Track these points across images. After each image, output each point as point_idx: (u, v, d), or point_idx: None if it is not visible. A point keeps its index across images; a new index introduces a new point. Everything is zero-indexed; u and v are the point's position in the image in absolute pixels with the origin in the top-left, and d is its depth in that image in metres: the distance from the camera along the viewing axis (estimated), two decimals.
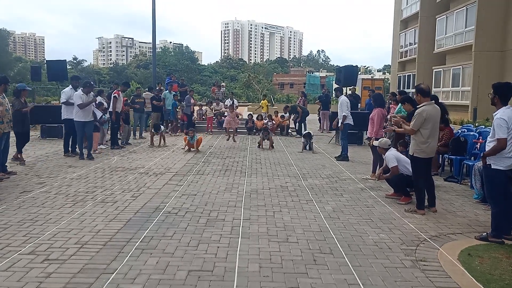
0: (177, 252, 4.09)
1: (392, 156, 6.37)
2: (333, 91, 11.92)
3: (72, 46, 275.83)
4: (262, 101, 19.08)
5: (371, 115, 8.26)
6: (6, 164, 7.71)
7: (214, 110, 16.75)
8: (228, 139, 12.58)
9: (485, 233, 4.67)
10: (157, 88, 15.96)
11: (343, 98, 10.31)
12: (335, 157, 10.20)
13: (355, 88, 19.31)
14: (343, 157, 9.95)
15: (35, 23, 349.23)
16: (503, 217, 4.62)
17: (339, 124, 10.03)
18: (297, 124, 16.03)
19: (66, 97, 9.93)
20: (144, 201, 5.99)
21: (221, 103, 17.23)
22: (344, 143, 10.10)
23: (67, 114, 9.85)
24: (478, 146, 8.00)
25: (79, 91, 9.43)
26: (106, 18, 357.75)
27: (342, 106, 9.93)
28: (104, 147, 11.32)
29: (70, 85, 10.23)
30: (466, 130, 9.41)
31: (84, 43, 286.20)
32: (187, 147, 11.12)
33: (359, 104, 18.46)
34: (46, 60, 17.40)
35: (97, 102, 10.10)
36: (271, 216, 5.39)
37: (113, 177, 7.65)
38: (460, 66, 21.06)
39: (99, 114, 10.69)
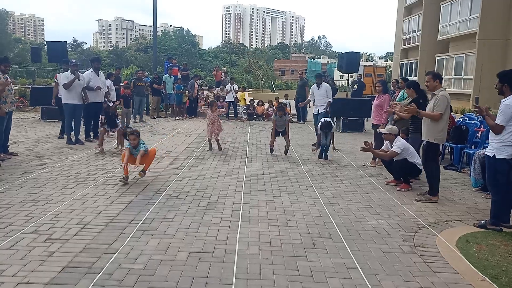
0: (178, 234, 4.13)
1: (402, 144, 6.34)
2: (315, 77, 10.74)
3: (71, 28, 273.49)
4: (240, 93, 16.83)
5: (377, 102, 8.13)
6: (8, 145, 7.73)
7: (217, 94, 16.68)
8: (210, 149, 8.95)
9: (483, 221, 4.71)
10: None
11: (327, 85, 10.43)
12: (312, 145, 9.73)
13: (361, 75, 19.24)
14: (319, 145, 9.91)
15: (34, 4, 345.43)
16: (503, 205, 4.66)
17: (325, 110, 9.87)
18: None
19: (86, 81, 9.41)
20: (145, 184, 6.02)
21: (225, 89, 17.17)
22: None
23: (90, 97, 9.47)
24: (479, 135, 8.01)
25: (68, 72, 9.02)
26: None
27: (328, 93, 10.05)
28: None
29: (91, 68, 9.77)
30: (467, 119, 9.41)
31: (84, 25, 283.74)
32: (127, 167, 6.05)
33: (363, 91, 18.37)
34: (46, 42, 17.24)
35: (79, 79, 9.00)
36: (271, 200, 5.43)
37: (114, 159, 7.68)
38: (463, 54, 20.94)
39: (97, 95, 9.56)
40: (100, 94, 9.58)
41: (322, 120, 8.53)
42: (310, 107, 11.00)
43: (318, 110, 10.08)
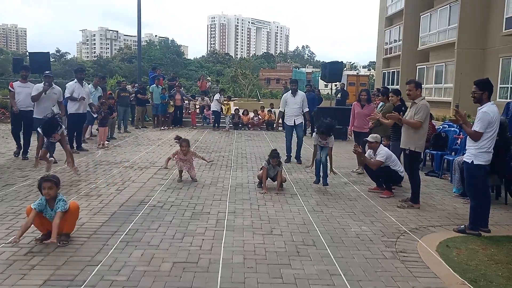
0: (162, 245, 4.12)
1: (385, 153, 6.43)
2: (290, 84, 9.65)
3: (55, 38, 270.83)
4: (226, 101, 15.91)
5: (366, 111, 8.12)
6: None
7: (200, 105, 16.78)
8: (180, 180, 7.01)
9: (463, 226, 4.81)
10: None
11: (303, 93, 9.59)
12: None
13: (344, 84, 19.52)
14: (296, 157, 9.22)
15: (15, 15, 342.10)
16: (481, 210, 4.76)
17: (306, 121, 9.26)
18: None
19: (69, 91, 9.31)
20: (129, 194, 5.99)
21: (206, 98, 17.26)
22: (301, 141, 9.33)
23: (70, 108, 9.33)
24: (459, 142, 8.20)
25: (42, 83, 8.49)
26: (90, 10, 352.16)
27: (304, 102, 9.16)
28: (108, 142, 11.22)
29: (75, 79, 9.59)
30: (447, 126, 9.62)
31: (68, 35, 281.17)
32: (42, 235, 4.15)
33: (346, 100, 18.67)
34: (29, 52, 17.07)
35: (45, 93, 8.28)
36: (255, 209, 5.45)
37: (97, 170, 7.61)
38: (443, 63, 21.43)
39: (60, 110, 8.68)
40: (84, 104, 9.52)
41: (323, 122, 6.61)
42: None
43: (294, 121, 9.05)
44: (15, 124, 8.80)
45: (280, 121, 15.80)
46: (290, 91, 9.32)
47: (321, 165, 6.69)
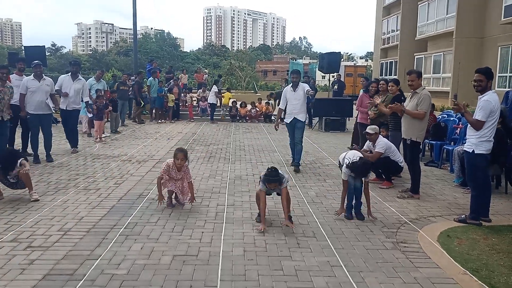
0: (162, 238, 4.10)
1: (384, 144, 6.39)
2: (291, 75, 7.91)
3: (50, 32, 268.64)
4: (224, 93, 16.53)
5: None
6: None
7: (199, 96, 16.75)
8: (171, 204, 5.16)
9: (463, 216, 4.80)
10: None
11: (306, 84, 8.12)
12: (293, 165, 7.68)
13: (340, 75, 19.44)
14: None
15: (11, 8, 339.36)
16: (482, 200, 4.75)
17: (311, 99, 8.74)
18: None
19: (58, 85, 8.67)
20: (128, 188, 5.95)
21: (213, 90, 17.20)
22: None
23: (61, 104, 8.68)
24: (458, 132, 8.17)
25: (31, 75, 7.83)
26: (85, 2, 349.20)
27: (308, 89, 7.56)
28: (108, 134, 11.25)
29: (70, 72, 8.90)
30: (446, 116, 9.59)
31: (63, 29, 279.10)
32: None
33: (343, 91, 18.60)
34: (24, 46, 16.90)
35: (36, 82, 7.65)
36: (255, 201, 5.41)
37: (95, 164, 7.56)
38: (441, 53, 21.35)
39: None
40: (69, 101, 8.65)
41: (351, 156, 5.12)
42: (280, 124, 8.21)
43: (295, 119, 7.48)
44: (13, 122, 7.83)
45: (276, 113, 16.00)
46: (291, 84, 7.69)
47: (356, 203, 4.91)
